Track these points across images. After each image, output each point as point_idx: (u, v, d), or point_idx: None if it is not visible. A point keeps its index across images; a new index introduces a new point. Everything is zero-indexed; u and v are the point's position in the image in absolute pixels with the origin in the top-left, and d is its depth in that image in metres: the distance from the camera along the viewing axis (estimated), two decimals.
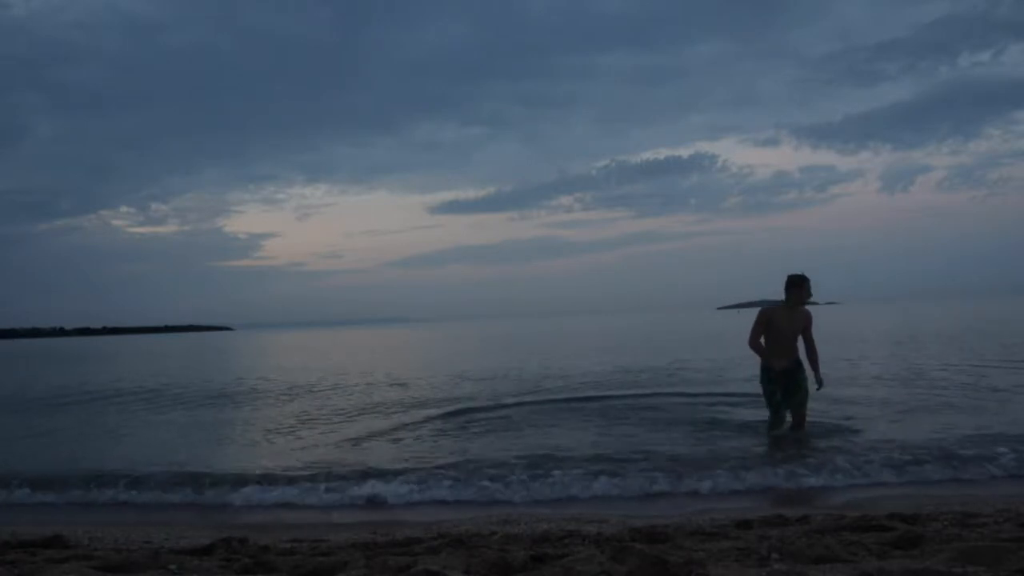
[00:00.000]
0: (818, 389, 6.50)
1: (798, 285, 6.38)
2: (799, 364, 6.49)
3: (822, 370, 6.52)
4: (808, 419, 6.58)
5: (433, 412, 8.74)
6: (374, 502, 4.83)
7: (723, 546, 2.95)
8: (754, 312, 6.68)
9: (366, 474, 5.46)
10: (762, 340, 6.50)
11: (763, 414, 6.73)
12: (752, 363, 6.89)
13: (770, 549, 2.76)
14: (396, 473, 5.41)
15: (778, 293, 6.35)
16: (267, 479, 5.43)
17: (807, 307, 6.46)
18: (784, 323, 6.48)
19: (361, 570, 2.75)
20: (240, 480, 5.43)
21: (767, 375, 6.53)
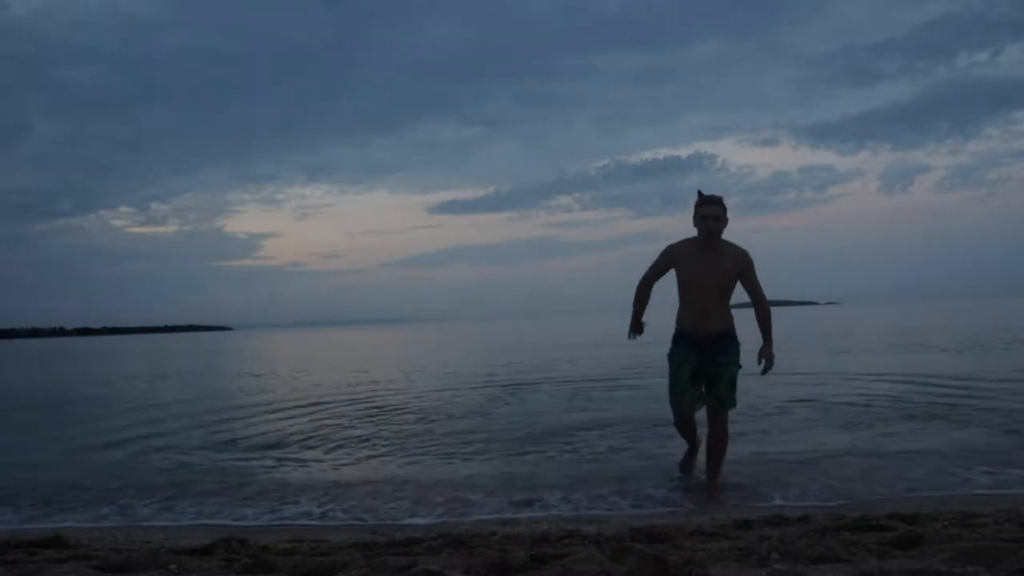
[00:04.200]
0: (763, 372, 4.43)
1: (708, 203, 4.35)
2: (728, 336, 4.50)
3: (775, 345, 4.51)
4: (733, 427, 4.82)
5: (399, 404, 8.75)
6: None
7: (723, 546, 2.95)
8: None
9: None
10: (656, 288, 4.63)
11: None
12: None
13: (770, 549, 2.76)
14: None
15: (777, 291, 5.39)
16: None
17: (742, 248, 4.48)
18: (700, 267, 4.40)
19: (361, 570, 2.75)
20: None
21: (679, 347, 4.54)
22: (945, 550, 2.67)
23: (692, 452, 5.04)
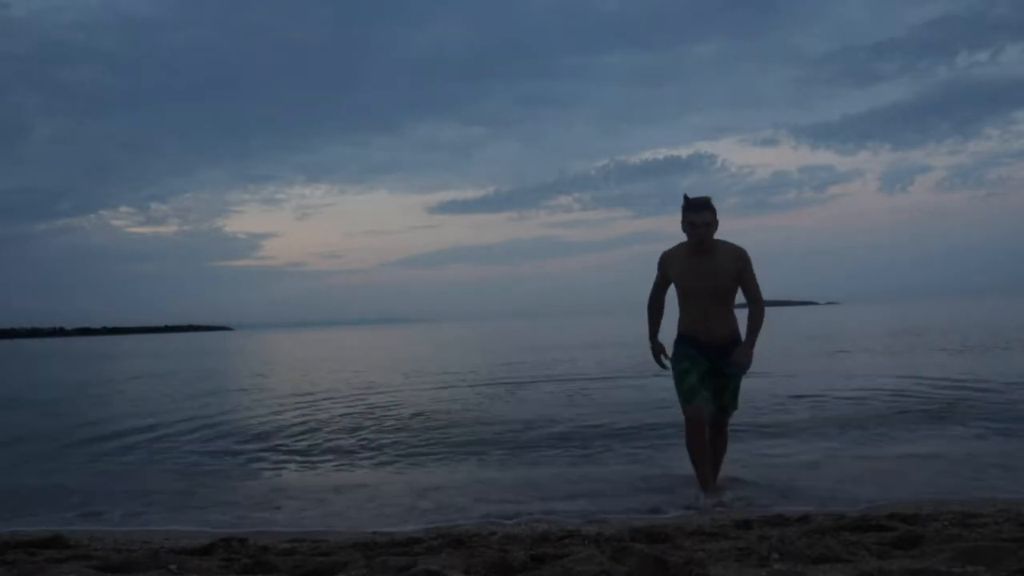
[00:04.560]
0: (729, 370, 4.24)
1: (695, 209, 4.10)
2: (734, 344, 4.28)
3: (756, 346, 4.22)
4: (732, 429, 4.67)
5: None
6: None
7: (723, 546, 2.94)
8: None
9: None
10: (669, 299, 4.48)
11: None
12: None
13: (770, 549, 2.75)
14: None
15: (777, 291, 4.87)
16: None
17: (738, 246, 4.26)
18: (695, 271, 4.22)
19: (361, 570, 2.74)
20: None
21: (684, 349, 4.34)
22: (945, 550, 2.66)
23: (707, 488, 4.41)
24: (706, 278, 4.22)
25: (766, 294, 4.44)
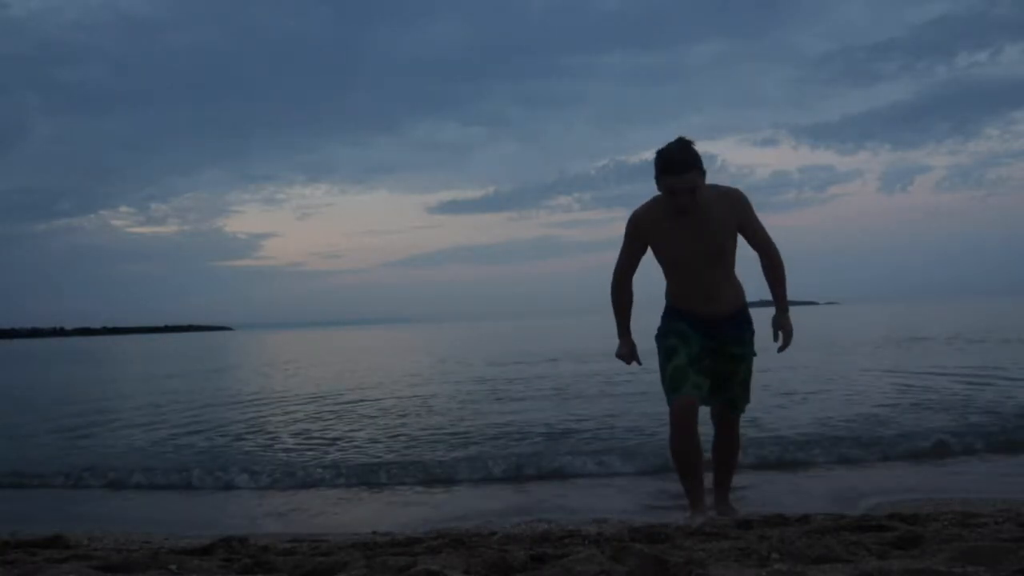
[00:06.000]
0: (781, 348, 3.46)
1: (673, 172, 3.09)
2: (741, 318, 3.44)
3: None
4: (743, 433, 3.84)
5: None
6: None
7: (723, 546, 2.94)
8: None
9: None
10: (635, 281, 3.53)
11: None
12: None
13: (770, 549, 2.75)
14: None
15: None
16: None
17: (731, 187, 3.31)
18: (684, 233, 3.23)
19: (361, 570, 2.74)
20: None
21: (673, 323, 3.44)
22: (945, 550, 2.66)
23: (696, 506, 3.52)
24: (700, 241, 3.25)
25: (765, 293, 3.77)
